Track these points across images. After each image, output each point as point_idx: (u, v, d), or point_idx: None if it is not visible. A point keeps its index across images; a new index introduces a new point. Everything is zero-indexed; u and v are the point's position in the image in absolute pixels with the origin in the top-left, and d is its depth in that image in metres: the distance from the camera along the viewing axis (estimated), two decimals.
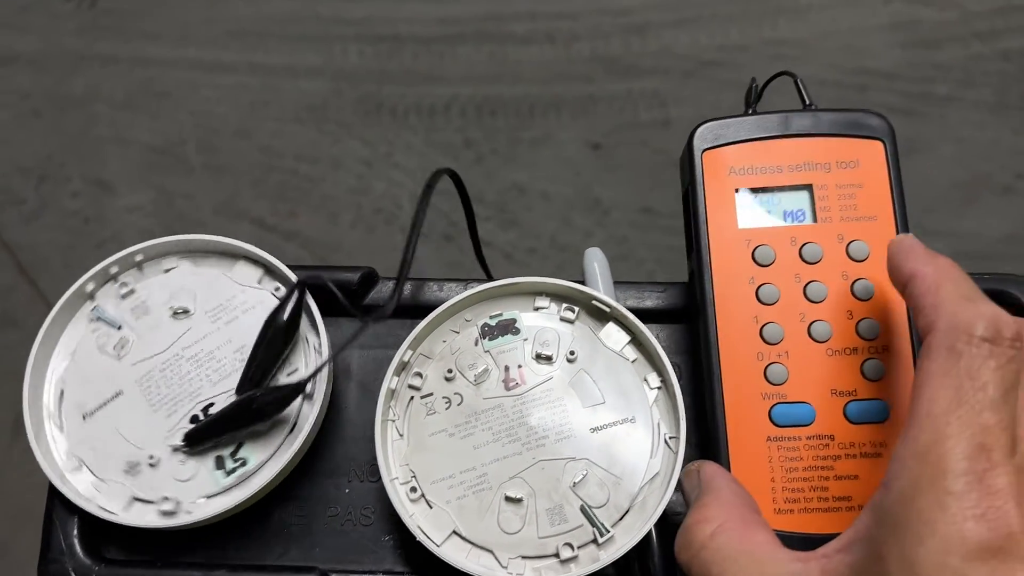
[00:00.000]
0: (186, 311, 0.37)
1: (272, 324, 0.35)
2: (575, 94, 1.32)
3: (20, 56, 1.37)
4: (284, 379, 0.36)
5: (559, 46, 1.36)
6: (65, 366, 0.36)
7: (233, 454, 0.34)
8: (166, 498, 0.34)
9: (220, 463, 0.34)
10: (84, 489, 0.34)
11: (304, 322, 0.36)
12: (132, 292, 0.37)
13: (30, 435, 0.34)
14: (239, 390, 0.35)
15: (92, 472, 0.35)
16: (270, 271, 0.38)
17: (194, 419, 0.35)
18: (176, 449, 0.34)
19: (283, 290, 0.37)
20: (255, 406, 0.33)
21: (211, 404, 0.35)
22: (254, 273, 0.38)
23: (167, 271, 0.38)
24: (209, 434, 0.34)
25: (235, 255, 0.38)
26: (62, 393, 0.36)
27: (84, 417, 0.35)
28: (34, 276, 1.24)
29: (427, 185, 0.38)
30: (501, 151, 1.26)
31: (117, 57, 1.36)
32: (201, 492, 0.34)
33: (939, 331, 0.26)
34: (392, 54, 1.36)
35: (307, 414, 0.35)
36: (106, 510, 0.34)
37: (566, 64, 1.34)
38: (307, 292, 0.36)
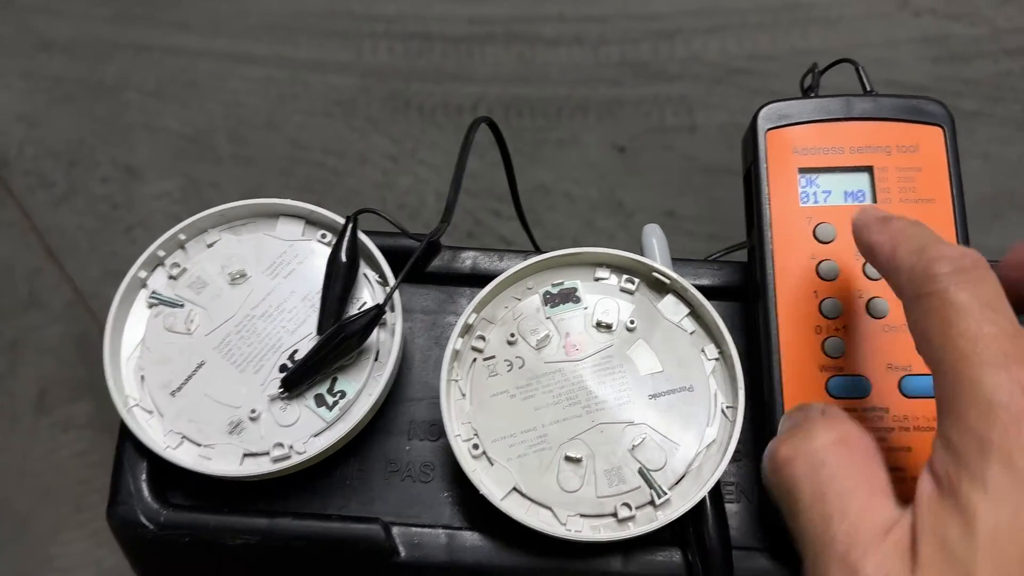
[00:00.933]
0: (243, 274, 0.38)
1: (336, 260, 0.37)
2: (602, 97, 1.33)
3: (54, 42, 1.39)
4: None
5: (587, 49, 1.37)
6: (139, 353, 0.37)
7: (330, 390, 0.36)
8: (279, 444, 0.35)
9: (321, 400, 0.36)
10: (191, 461, 0.35)
11: (360, 261, 0.38)
12: (184, 271, 0.38)
13: (130, 425, 0.35)
14: (320, 330, 0.36)
15: (195, 443, 0.36)
16: (311, 222, 0.39)
17: (283, 368, 0.36)
18: (274, 398, 0.36)
19: (329, 236, 0.39)
20: (344, 335, 0.35)
21: (295, 351, 0.36)
22: (296, 227, 0.39)
23: (211, 245, 0.39)
24: (305, 374, 0.35)
25: (273, 214, 0.39)
26: (143, 378, 0.37)
27: (173, 394, 0.36)
28: (61, 259, 1.26)
29: (467, 133, 0.40)
30: (526, 151, 1.28)
31: (149, 46, 1.38)
32: (309, 432, 0.35)
33: (904, 290, 0.26)
34: (421, 52, 1.37)
35: (386, 340, 0.37)
36: (220, 472, 0.35)
37: (594, 67, 1.35)
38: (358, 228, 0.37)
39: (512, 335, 0.37)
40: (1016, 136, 1.21)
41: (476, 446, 0.35)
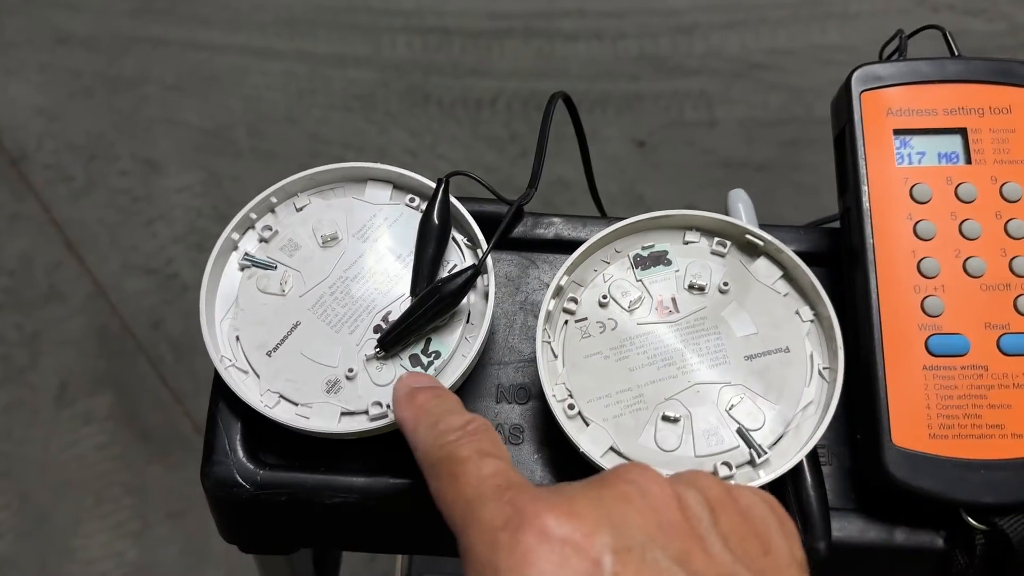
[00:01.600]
0: (335, 238, 0.38)
1: (428, 222, 0.37)
2: (621, 92, 1.33)
3: (74, 36, 1.39)
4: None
5: (606, 44, 1.38)
6: (232, 314, 0.37)
7: (424, 350, 0.36)
8: (376, 403, 0.35)
9: (416, 360, 0.36)
10: (290, 419, 0.35)
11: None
12: (276, 233, 0.38)
13: (228, 382, 0.35)
14: (414, 292, 0.36)
15: (292, 402, 0.36)
16: (399, 186, 0.39)
17: (377, 328, 0.36)
18: (370, 358, 0.36)
19: (418, 200, 0.39)
20: (439, 295, 0.35)
21: (388, 312, 0.36)
22: (383, 191, 0.39)
23: (300, 209, 0.39)
24: (401, 335, 0.35)
25: (361, 178, 0.39)
26: (238, 339, 0.37)
27: (268, 355, 0.36)
28: (81, 252, 1.26)
29: (547, 107, 0.41)
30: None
31: (168, 40, 1.38)
32: None
33: (423, 463, 0.28)
34: (440, 46, 1.37)
35: (477, 303, 0.37)
36: (319, 429, 0.35)
37: (613, 62, 1.35)
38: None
39: (604, 297, 0.37)
40: None
41: (571, 407, 0.35)
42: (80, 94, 1.37)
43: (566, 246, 0.38)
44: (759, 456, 0.34)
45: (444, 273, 0.37)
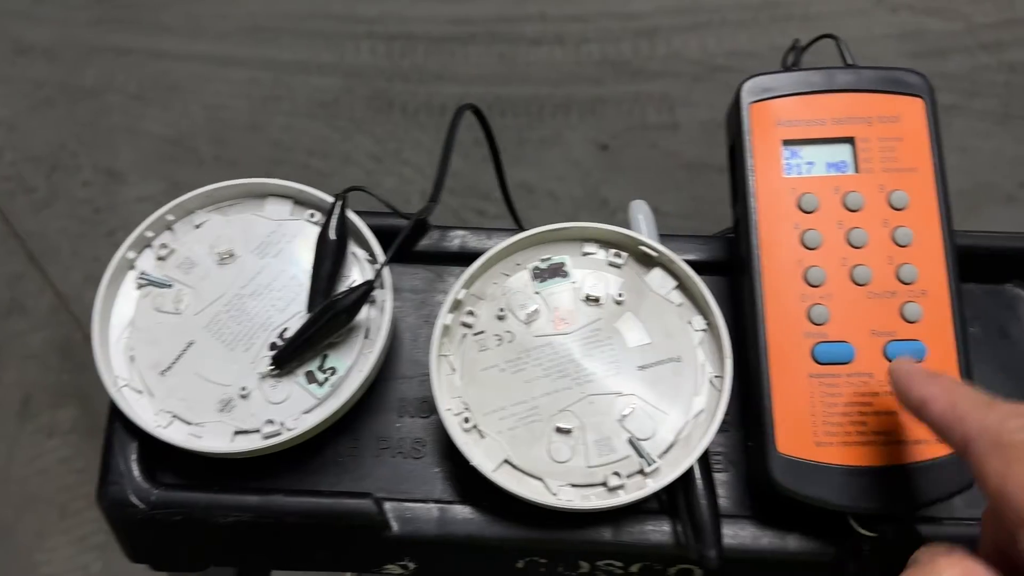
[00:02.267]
0: (232, 254, 0.38)
1: (325, 238, 0.37)
2: (584, 95, 1.33)
3: (34, 46, 1.38)
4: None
5: (569, 48, 1.38)
6: (128, 334, 0.37)
7: (321, 367, 0.36)
8: (269, 421, 0.35)
9: (311, 377, 0.36)
10: (182, 439, 0.35)
11: (350, 240, 0.38)
12: (172, 252, 0.38)
13: (120, 404, 0.35)
14: (310, 308, 0.36)
15: (185, 421, 0.36)
16: (299, 201, 0.39)
17: (272, 346, 0.36)
18: (265, 376, 0.36)
19: (318, 215, 0.39)
20: (334, 311, 0.35)
21: (285, 329, 0.36)
22: (284, 207, 0.39)
23: (199, 226, 0.39)
24: (296, 351, 0.35)
25: (261, 194, 0.39)
26: (132, 359, 0.37)
27: (163, 374, 0.36)
28: (43, 264, 1.25)
29: (453, 118, 0.40)
30: (510, 150, 1.28)
31: (130, 49, 1.37)
32: (300, 408, 0.36)
33: (978, 438, 0.27)
34: (404, 52, 1.37)
35: (375, 317, 0.37)
36: (211, 449, 0.35)
37: (575, 66, 1.36)
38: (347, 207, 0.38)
39: (501, 310, 0.37)
40: (993, 130, 1.23)
41: (467, 420, 0.35)
42: (41, 104, 1.36)
43: (470, 258, 0.38)
44: (649, 465, 0.34)
45: (342, 288, 0.37)
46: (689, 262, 0.40)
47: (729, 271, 0.40)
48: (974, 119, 1.24)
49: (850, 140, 0.36)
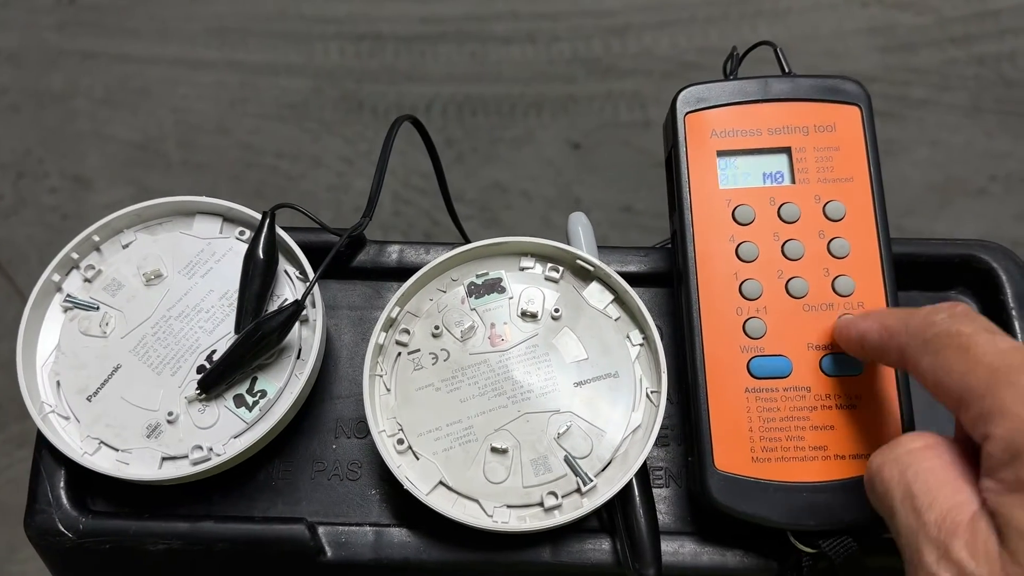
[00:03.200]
0: (159, 275, 0.37)
1: (252, 256, 0.36)
2: (556, 94, 1.33)
3: None
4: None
5: (540, 46, 1.37)
6: (54, 358, 0.36)
7: (250, 390, 0.35)
8: (198, 447, 0.34)
9: (240, 401, 0.35)
10: (109, 466, 0.34)
11: (280, 258, 0.37)
12: (99, 273, 0.37)
13: (43, 430, 0.35)
14: (238, 329, 0.35)
15: (113, 447, 0.35)
16: (228, 219, 0.39)
17: (200, 369, 0.35)
18: (192, 400, 0.35)
19: (248, 233, 0.38)
20: (261, 332, 0.34)
21: (213, 351, 0.36)
22: (213, 224, 0.38)
23: (126, 246, 0.38)
24: (222, 375, 0.35)
25: (189, 212, 0.39)
26: (58, 384, 0.36)
27: (89, 399, 0.35)
28: (11, 272, 1.23)
29: (389, 131, 0.40)
30: (482, 150, 1.27)
31: (96, 53, 1.36)
32: (229, 433, 0.35)
33: (908, 343, 0.29)
34: (373, 53, 1.36)
35: (308, 337, 0.36)
36: (138, 477, 0.34)
37: (547, 64, 1.35)
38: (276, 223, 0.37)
39: (436, 327, 0.36)
40: (963, 123, 1.23)
41: (401, 441, 0.35)
42: (6, 110, 1.34)
43: (409, 273, 0.38)
44: (585, 484, 0.34)
45: (273, 308, 0.37)
46: (630, 274, 0.39)
47: (671, 281, 0.39)
48: (945, 113, 1.24)
49: (786, 150, 0.36)
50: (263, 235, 0.36)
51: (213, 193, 0.38)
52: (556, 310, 0.36)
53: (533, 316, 0.36)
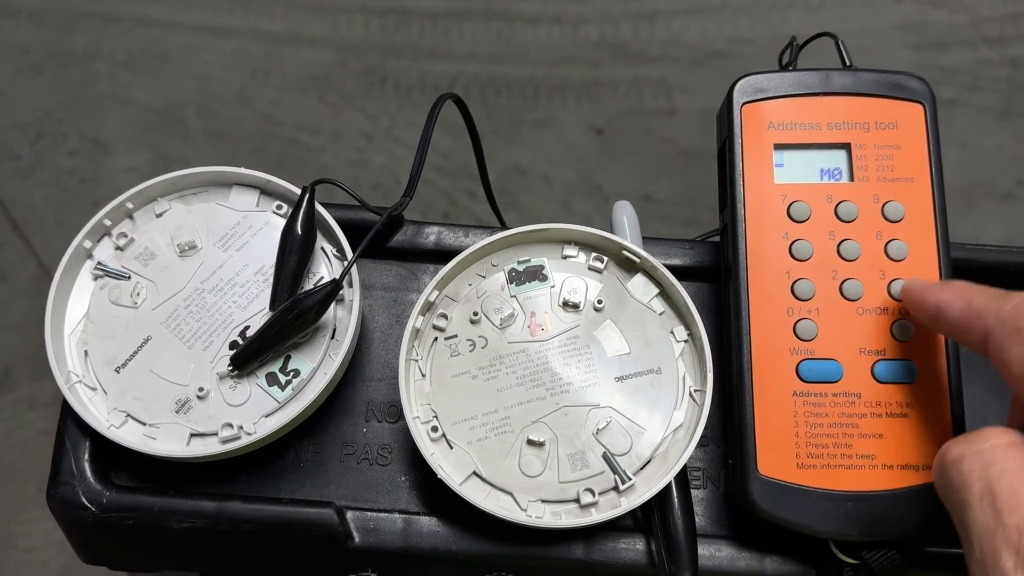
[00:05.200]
0: (193, 246, 0.36)
1: (290, 232, 0.35)
2: (581, 78, 1.31)
3: (22, 10, 1.35)
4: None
5: (567, 28, 1.35)
6: (83, 327, 0.35)
7: (283, 368, 0.34)
8: (228, 424, 0.33)
9: (273, 379, 0.34)
10: (136, 440, 0.34)
11: (318, 235, 0.36)
12: (132, 241, 0.36)
13: (70, 400, 0.34)
14: (273, 306, 0.34)
15: (140, 421, 0.34)
16: (266, 192, 0.37)
17: (233, 345, 0.35)
18: (223, 376, 0.34)
19: (285, 207, 0.37)
20: (297, 310, 0.33)
21: (247, 327, 0.35)
22: (250, 197, 0.37)
23: (160, 215, 0.37)
24: (256, 352, 0.34)
25: (226, 183, 0.38)
26: (86, 354, 0.35)
27: (117, 371, 0.34)
28: (27, 233, 1.23)
29: (433, 108, 0.38)
30: (503, 132, 1.26)
31: (119, 16, 1.34)
32: (260, 412, 0.34)
33: (997, 329, 0.27)
34: (398, 27, 1.35)
35: (343, 317, 0.35)
36: (165, 453, 0.33)
37: (573, 47, 1.33)
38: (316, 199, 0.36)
39: (475, 314, 0.35)
40: (993, 125, 1.21)
41: (435, 428, 0.34)
42: (27, 70, 1.33)
43: (447, 256, 0.37)
44: (623, 483, 0.33)
45: (308, 285, 0.36)
46: (674, 267, 0.38)
47: (716, 277, 0.38)
48: (974, 114, 1.22)
49: (846, 146, 0.35)
50: (302, 211, 0.35)
51: (231, 163, 0.37)
52: (599, 301, 0.35)
53: (575, 307, 0.35)
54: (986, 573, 0.24)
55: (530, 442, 0.33)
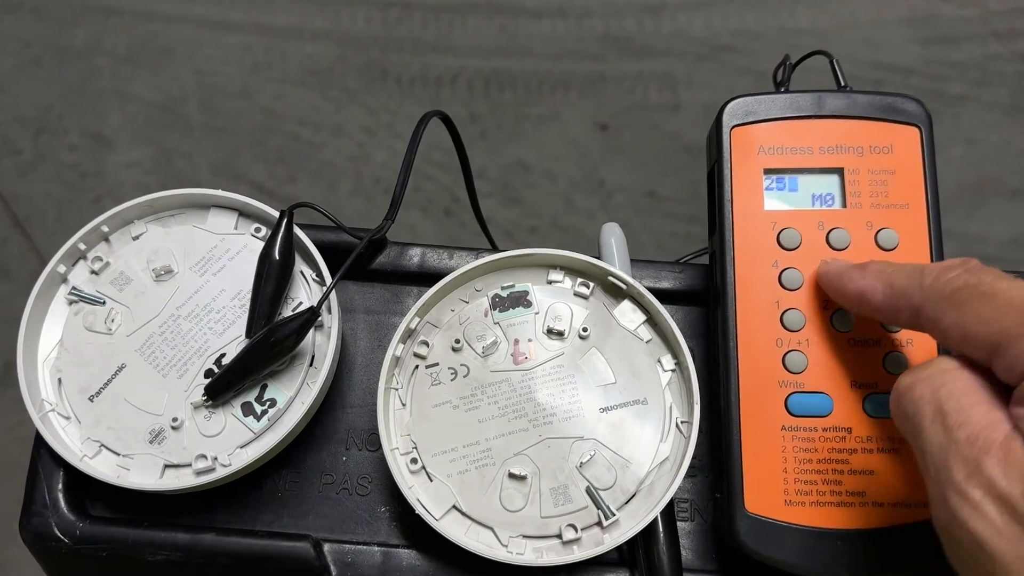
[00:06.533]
0: (169, 271, 0.35)
1: (268, 258, 0.34)
2: (585, 72, 1.30)
3: (23, 4, 1.34)
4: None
5: (571, 22, 1.34)
6: (56, 354, 0.35)
7: (259, 398, 0.33)
8: (202, 456, 0.33)
9: (248, 409, 0.33)
10: (109, 471, 0.33)
11: (297, 259, 0.35)
12: (107, 265, 0.36)
13: (41, 431, 0.33)
14: (249, 333, 0.34)
15: (114, 452, 0.33)
16: (245, 214, 0.37)
17: (208, 373, 0.34)
18: (198, 406, 0.33)
19: (264, 230, 0.36)
20: (273, 339, 0.32)
21: (223, 355, 0.34)
22: (228, 219, 0.37)
23: (136, 238, 0.36)
24: (231, 382, 0.33)
25: (204, 205, 0.37)
26: (60, 381, 0.34)
27: (91, 399, 0.34)
28: (28, 229, 1.22)
29: (417, 127, 0.37)
30: (506, 127, 1.24)
31: (121, 10, 1.34)
32: (235, 443, 0.33)
33: (925, 302, 0.28)
34: (400, 21, 1.33)
35: (322, 344, 0.34)
36: (138, 486, 0.33)
37: (577, 41, 1.31)
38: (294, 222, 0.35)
39: (457, 341, 0.34)
40: (1002, 121, 1.19)
41: (415, 460, 0.33)
42: (28, 64, 1.33)
43: (431, 278, 0.36)
44: (607, 518, 0.32)
45: (288, 311, 0.35)
46: (664, 291, 0.37)
47: (707, 301, 0.37)
48: (983, 110, 1.20)
49: (839, 171, 0.34)
50: (280, 235, 0.34)
51: (233, 158, 0.36)
52: (584, 329, 0.34)
53: (560, 334, 0.34)
54: (940, 489, 0.25)
55: (512, 475, 0.33)
